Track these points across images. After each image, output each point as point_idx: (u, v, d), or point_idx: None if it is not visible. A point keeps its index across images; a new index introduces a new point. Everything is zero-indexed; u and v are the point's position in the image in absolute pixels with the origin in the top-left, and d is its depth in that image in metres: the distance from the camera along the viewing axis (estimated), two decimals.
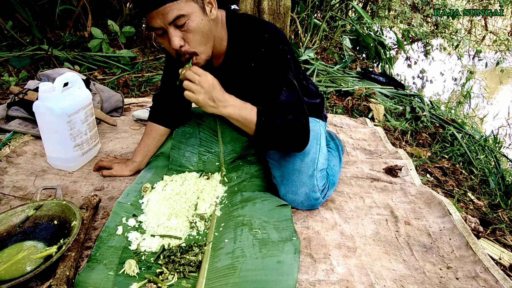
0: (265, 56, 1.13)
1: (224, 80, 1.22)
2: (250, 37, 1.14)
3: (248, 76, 1.19)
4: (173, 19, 0.99)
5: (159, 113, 1.45)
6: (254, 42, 1.13)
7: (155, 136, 1.46)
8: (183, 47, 1.05)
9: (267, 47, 1.12)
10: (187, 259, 0.99)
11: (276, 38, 1.13)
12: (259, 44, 1.13)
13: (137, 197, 1.24)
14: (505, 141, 2.86)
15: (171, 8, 0.97)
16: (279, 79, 1.14)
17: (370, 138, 1.94)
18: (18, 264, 0.95)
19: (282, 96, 1.13)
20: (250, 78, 1.18)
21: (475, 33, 6.24)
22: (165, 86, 1.44)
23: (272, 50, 1.13)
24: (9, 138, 1.61)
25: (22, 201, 1.25)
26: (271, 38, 1.13)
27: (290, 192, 1.23)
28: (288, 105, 1.13)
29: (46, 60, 2.67)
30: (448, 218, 1.23)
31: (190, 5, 1.00)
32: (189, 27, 1.01)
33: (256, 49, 1.13)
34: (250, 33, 1.15)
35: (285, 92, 1.13)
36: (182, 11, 0.98)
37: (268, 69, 1.14)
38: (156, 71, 2.87)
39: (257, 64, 1.15)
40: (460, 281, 1.01)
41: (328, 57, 3.75)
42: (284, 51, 1.14)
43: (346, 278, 0.99)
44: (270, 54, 1.13)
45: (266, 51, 1.13)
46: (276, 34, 1.14)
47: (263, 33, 1.13)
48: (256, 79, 1.17)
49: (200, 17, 1.02)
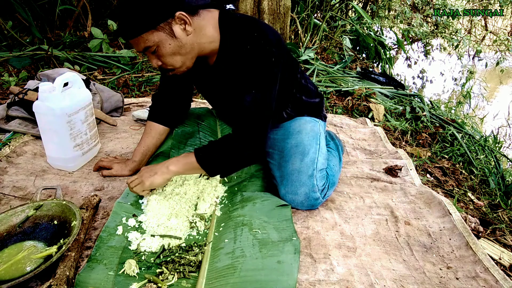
0: (248, 53, 1.12)
1: (218, 77, 1.24)
2: (240, 34, 1.14)
3: (236, 72, 1.18)
4: (143, 49, 1.08)
5: (158, 112, 1.46)
6: (243, 40, 1.13)
7: (154, 135, 1.46)
8: (161, 66, 1.13)
9: (253, 45, 1.11)
10: (187, 259, 0.99)
11: (266, 38, 1.11)
12: (246, 41, 1.12)
13: (137, 197, 1.24)
14: (505, 141, 2.86)
15: (138, 41, 1.06)
16: (253, 79, 1.12)
17: (370, 138, 1.94)
18: (18, 264, 0.95)
19: (247, 98, 1.12)
20: (237, 75, 1.18)
21: (475, 33, 6.24)
22: (164, 85, 1.44)
23: (256, 49, 1.11)
24: (9, 138, 1.61)
25: (22, 201, 1.25)
26: (260, 37, 1.11)
27: (289, 192, 1.23)
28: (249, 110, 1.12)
29: (46, 60, 2.67)
30: (448, 218, 1.23)
31: (155, 35, 1.04)
32: (159, 53, 1.09)
33: (243, 46, 1.13)
34: (240, 31, 1.14)
35: (253, 95, 1.11)
36: (148, 42, 1.06)
37: (247, 67, 1.13)
38: (156, 71, 2.87)
39: (241, 61, 1.14)
40: (460, 281, 1.01)
41: (328, 57, 3.75)
42: (271, 53, 1.10)
43: (346, 278, 0.99)
44: (253, 52, 1.11)
45: (251, 48, 1.11)
46: (267, 34, 1.12)
47: (252, 32, 1.12)
48: (240, 76, 1.16)
49: (168, 43, 1.07)
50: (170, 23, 1.04)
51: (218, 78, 1.26)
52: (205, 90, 1.43)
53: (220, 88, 1.32)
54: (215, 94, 1.40)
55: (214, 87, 1.34)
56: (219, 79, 1.26)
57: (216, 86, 1.32)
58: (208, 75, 1.28)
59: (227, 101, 1.37)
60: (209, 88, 1.39)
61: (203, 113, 1.63)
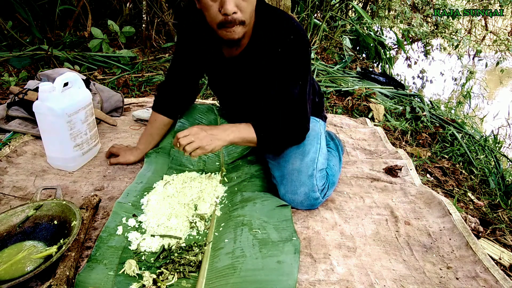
0: (293, 44, 1.15)
1: (240, 68, 1.24)
2: (279, 24, 1.16)
3: (271, 60, 1.19)
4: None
5: (163, 103, 1.47)
6: (284, 29, 1.15)
7: (158, 126, 1.50)
8: (235, 14, 1.04)
9: (297, 36, 1.15)
10: (187, 259, 0.99)
11: (304, 31, 1.17)
12: (289, 31, 1.14)
13: (137, 197, 1.24)
14: (505, 141, 2.86)
15: None
16: (300, 71, 1.18)
17: (370, 138, 1.94)
18: (18, 264, 0.95)
19: (295, 90, 1.18)
20: (273, 63, 1.19)
21: (475, 33, 6.24)
22: (171, 76, 1.44)
23: (300, 40, 1.15)
24: (9, 138, 1.61)
25: (22, 201, 1.25)
26: (300, 29, 1.16)
27: (289, 192, 1.23)
28: (297, 99, 1.19)
29: (46, 60, 2.67)
30: (448, 218, 1.23)
31: None
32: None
33: (286, 35, 1.14)
34: (280, 20, 1.16)
35: (300, 85, 1.18)
36: None
37: (293, 58, 1.16)
38: (156, 71, 2.87)
39: (284, 50, 1.16)
40: (460, 281, 1.01)
41: (328, 57, 3.75)
42: (309, 45, 1.17)
43: (346, 278, 0.99)
44: (299, 43, 1.15)
45: (296, 39, 1.15)
46: (301, 28, 1.17)
47: (292, 22, 1.16)
48: (278, 65, 1.18)
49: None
50: None
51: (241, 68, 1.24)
52: (220, 82, 1.40)
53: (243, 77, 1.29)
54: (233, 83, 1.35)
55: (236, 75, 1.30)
56: (242, 69, 1.24)
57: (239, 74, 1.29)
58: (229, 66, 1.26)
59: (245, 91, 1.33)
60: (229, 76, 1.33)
61: (205, 110, 1.63)
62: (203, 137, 1.12)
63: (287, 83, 1.18)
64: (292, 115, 1.21)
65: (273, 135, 1.22)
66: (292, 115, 1.21)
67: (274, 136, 1.23)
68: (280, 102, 1.21)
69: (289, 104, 1.20)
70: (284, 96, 1.19)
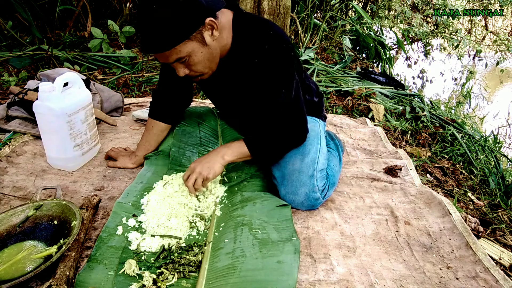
0: (269, 53, 1.14)
1: (227, 74, 1.24)
2: (255, 34, 1.15)
3: (250, 72, 1.19)
4: (174, 61, 1.07)
5: (159, 109, 1.47)
6: (259, 39, 1.14)
7: (156, 132, 1.49)
8: (188, 74, 1.12)
9: (272, 44, 1.14)
10: (187, 259, 0.99)
11: (281, 37, 1.15)
12: (264, 40, 1.14)
13: (137, 197, 1.24)
14: (505, 141, 2.86)
15: (170, 54, 1.04)
16: (280, 79, 1.16)
17: (370, 138, 1.94)
18: (18, 264, 0.95)
19: (279, 98, 1.17)
20: (252, 74, 1.19)
21: (475, 33, 6.24)
22: (164, 82, 1.44)
23: (276, 48, 1.14)
24: (9, 138, 1.61)
25: (22, 201, 1.25)
26: (276, 36, 1.15)
27: (290, 192, 1.23)
28: (285, 106, 1.18)
29: (46, 60, 2.67)
30: (448, 218, 1.23)
31: (188, 45, 1.04)
32: (191, 63, 1.09)
33: (261, 45, 1.14)
34: (255, 30, 1.16)
35: (284, 93, 1.16)
36: (181, 53, 1.04)
37: (270, 67, 1.16)
38: (156, 71, 2.87)
39: (260, 60, 1.16)
40: (460, 281, 1.01)
41: (328, 57, 3.75)
42: (288, 49, 1.16)
43: (346, 278, 0.99)
44: (274, 51, 1.14)
45: (270, 48, 1.14)
46: (281, 33, 1.16)
47: (267, 30, 1.15)
48: (258, 76, 1.18)
49: (199, 51, 1.07)
50: (201, 31, 1.04)
51: (227, 78, 1.26)
52: (210, 89, 1.43)
53: (228, 88, 1.31)
54: (221, 93, 1.40)
55: (221, 86, 1.34)
56: (228, 78, 1.26)
57: (224, 86, 1.32)
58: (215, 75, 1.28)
59: (235, 100, 1.37)
60: (215, 87, 1.39)
61: (204, 113, 1.63)
62: (201, 169, 1.18)
63: (270, 93, 1.18)
64: (283, 122, 1.20)
65: (266, 147, 1.23)
66: (283, 122, 1.20)
67: (268, 147, 1.23)
68: (267, 111, 1.21)
69: (277, 113, 1.19)
70: (270, 106, 1.19)
